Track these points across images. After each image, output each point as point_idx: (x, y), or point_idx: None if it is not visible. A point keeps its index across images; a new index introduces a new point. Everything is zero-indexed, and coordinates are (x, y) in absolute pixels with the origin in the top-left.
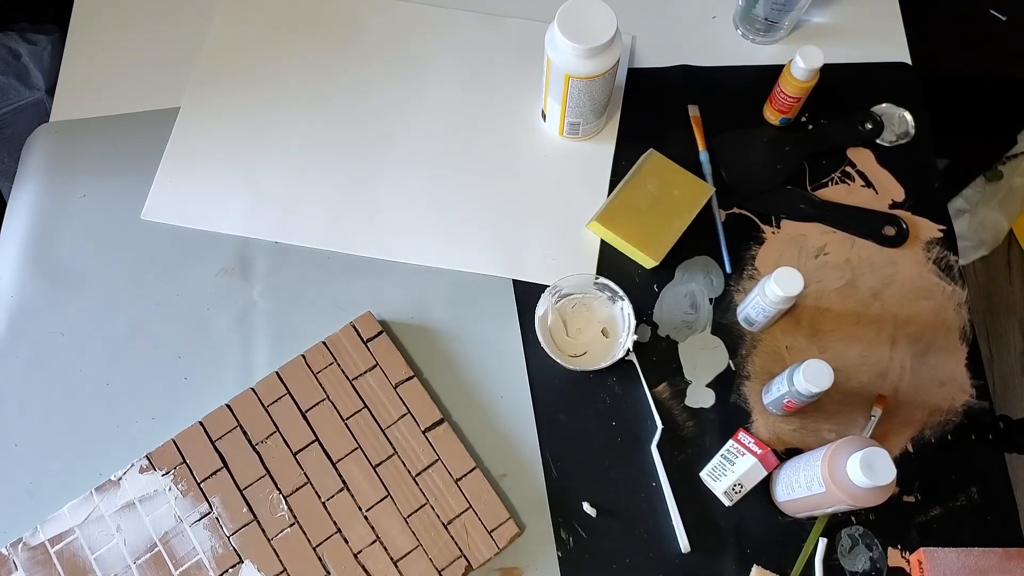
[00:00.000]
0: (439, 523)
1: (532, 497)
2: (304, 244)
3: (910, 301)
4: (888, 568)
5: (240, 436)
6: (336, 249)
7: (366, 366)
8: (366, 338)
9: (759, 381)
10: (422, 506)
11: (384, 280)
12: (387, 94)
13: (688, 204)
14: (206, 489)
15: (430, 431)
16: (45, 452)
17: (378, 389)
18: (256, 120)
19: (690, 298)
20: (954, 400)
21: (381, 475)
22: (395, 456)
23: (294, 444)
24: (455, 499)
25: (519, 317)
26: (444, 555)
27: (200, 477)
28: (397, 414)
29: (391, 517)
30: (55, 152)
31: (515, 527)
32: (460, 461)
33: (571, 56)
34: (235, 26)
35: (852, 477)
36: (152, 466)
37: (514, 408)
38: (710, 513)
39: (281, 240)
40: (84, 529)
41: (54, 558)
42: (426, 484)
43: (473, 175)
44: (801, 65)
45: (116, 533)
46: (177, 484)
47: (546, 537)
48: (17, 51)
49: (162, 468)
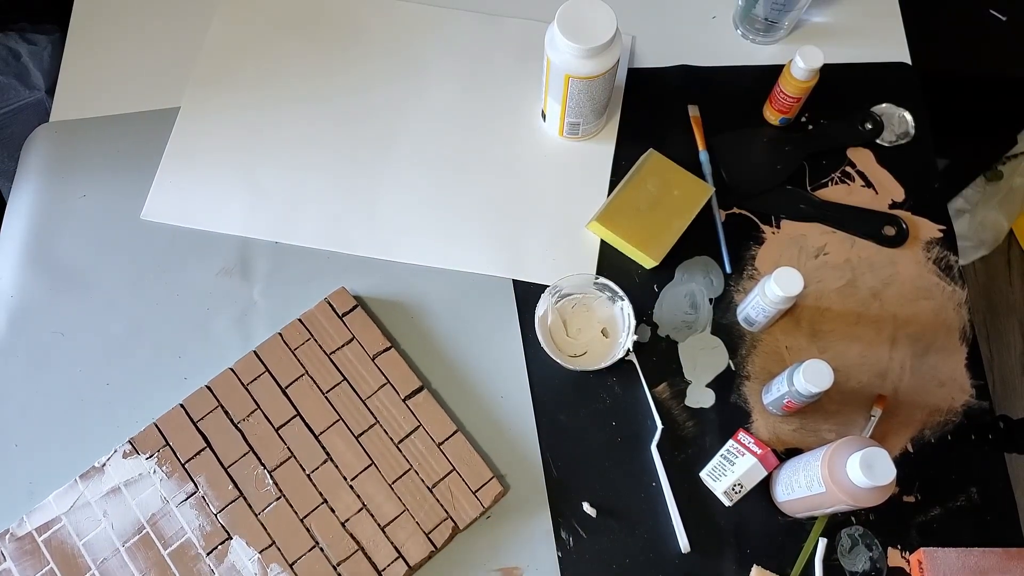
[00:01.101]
0: (424, 487)
1: (532, 497)
2: (304, 244)
3: (910, 301)
4: (888, 568)
5: (222, 415)
6: (336, 249)
7: (343, 340)
8: (341, 312)
9: (759, 381)
10: (406, 472)
11: (384, 280)
12: (387, 94)
13: (688, 204)
14: (191, 469)
15: (410, 399)
16: (45, 452)
17: (356, 361)
18: (256, 120)
19: (690, 298)
20: (954, 400)
21: (364, 444)
22: (377, 425)
23: (276, 420)
24: (438, 463)
25: (519, 317)
26: (431, 518)
27: (184, 458)
28: (376, 384)
29: (376, 485)
30: (55, 152)
31: (499, 486)
32: (441, 426)
33: (571, 56)
34: (235, 26)
35: (852, 477)
36: (135, 450)
37: (514, 408)
38: (710, 513)
39: (281, 240)
40: (71, 516)
41: (42, 547)
42: (409, 450)
43: (473, 175)
44: (801, 65)
45: (103, 518)
46: (161, 466)
47: (546, 537)
48: (17, 51)
49: (145, 452)
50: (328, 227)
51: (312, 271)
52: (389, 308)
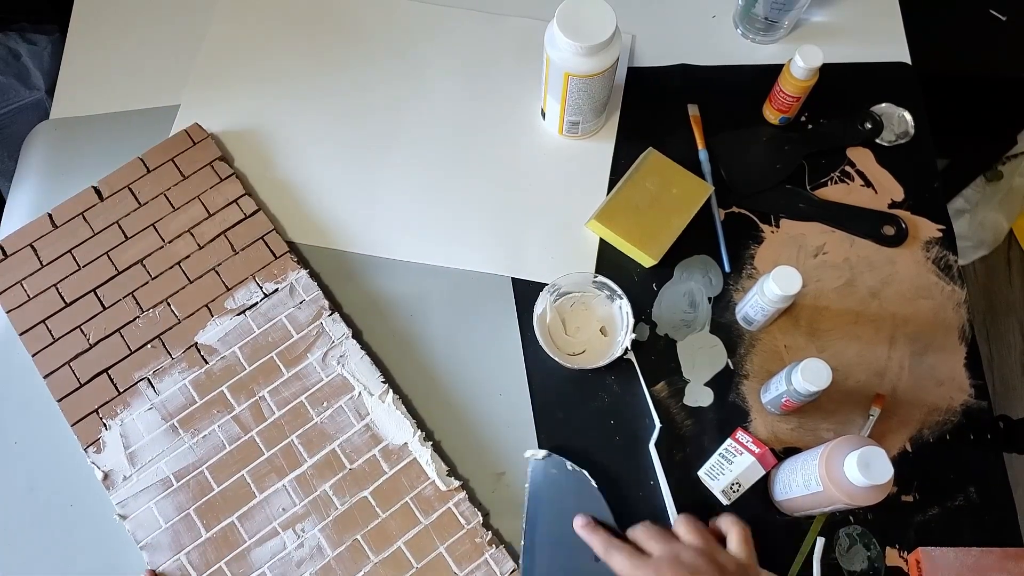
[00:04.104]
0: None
1: None
2: (302, 242)
3: (909, 300)
4: (886, 568)
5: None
6: (334, 247)
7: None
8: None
9: (757, 380)
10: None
11: (382, 277)
12: (387, 92)
13: (687, 203)
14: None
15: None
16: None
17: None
18: (255, 118)
19: (689, 297)
20: (952, 400)
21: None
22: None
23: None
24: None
25: (518, 315)
26: None
27: None
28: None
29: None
30: (55, 149)
31: None
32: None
33: (570, 54)
34: (235, 24)
35: (849, 476)
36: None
37: (512, 406)
38: (708, 512)
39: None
40: None
41: None
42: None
43: (472, 173)
44: (800, 64)
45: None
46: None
47: None
48: (17, 51)
49: None
50: (326, 224)
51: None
52: (388, 305)
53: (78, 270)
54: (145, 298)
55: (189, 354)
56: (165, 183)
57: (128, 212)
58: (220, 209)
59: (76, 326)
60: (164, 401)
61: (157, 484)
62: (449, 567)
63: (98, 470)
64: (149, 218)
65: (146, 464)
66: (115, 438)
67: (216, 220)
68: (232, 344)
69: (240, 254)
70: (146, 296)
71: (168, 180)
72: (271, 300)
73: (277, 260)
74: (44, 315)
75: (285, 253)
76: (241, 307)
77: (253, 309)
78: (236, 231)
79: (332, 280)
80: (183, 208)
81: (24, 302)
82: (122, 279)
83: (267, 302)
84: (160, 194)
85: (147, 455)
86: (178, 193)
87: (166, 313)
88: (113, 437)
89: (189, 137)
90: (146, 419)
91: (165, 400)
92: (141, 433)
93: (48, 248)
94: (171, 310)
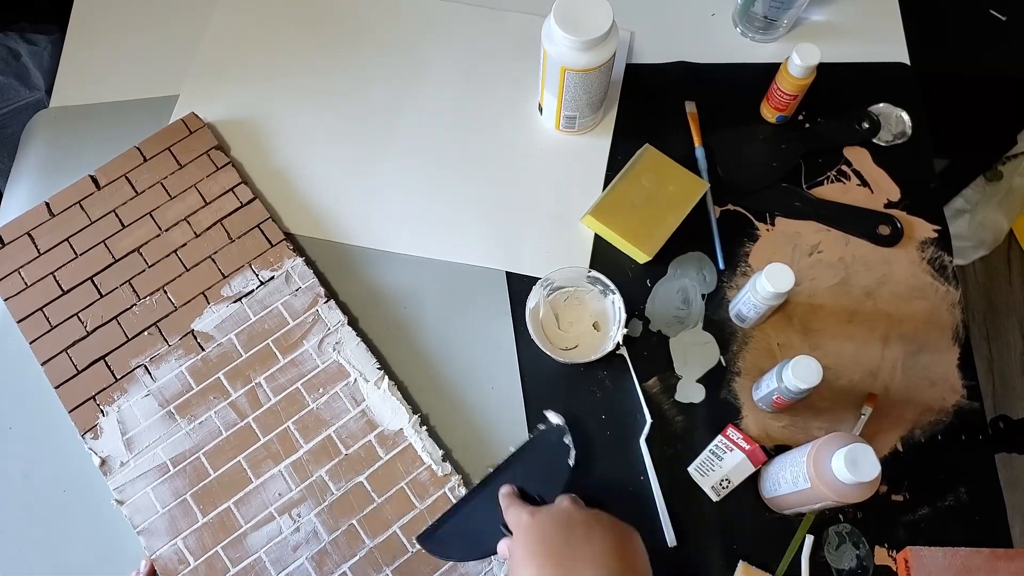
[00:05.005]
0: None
1: None
2: (299, 234)
3: (903, 301)
4: (874, 566)
5: None
6: (331, 239)
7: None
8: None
9: (750, 377)
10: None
11: (378, 269)
12: (385, 86)
13: (683, 200)
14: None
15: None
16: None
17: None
18: (254, 110)
19: (682, 293)
20: (945, 400)
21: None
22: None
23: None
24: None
25: (512, 309)
26: None
27: None
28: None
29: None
30: (53, 138)
31: None
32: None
33: (567, 48)
34: (236, 17)
35: (837, 473)
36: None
37: (504, 400)
38: (697, 508)
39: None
40: None
41: None
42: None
43: (469, 167)
44: (798, 62)
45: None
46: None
47: None
48: (17, 51)
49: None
50: (324, 217)
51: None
52: (382, 297)
53: (75, 258)
54: (142, 286)
55: (186, 341)
56: (162, 172)
57: (125, 201)
58: (216, 197)
59: (73, 313)
60: (161, 388)
61: (154, 470)
62: None
63: (95, 456)
64: (146, 206)
65: (143, 450)
66: (112, 424)
67: (212, 208)
68: (228, 331)
69: (236, 242)
70: (143, 284)
71: (165, 169)
72: (267, 288)
73: (273, 248)
74: (42, 303)
75: (281, 241)
76: (237, 295)
77: (249, 296)
78: (232, 219)
79: (328, 271)
80: (180, 196)
81: (22, 290)
82: (119, 267)
83: (263, 289)
84: (157, 183)
85: (144, 441)
86: (174, 182)
87: (163, 300)
88: (110, 423)
89: (185, 126)
90: (143, 405)
91: (162, 387)
92: (138, 419)
93: (45, 236)
94: (168, 298)
